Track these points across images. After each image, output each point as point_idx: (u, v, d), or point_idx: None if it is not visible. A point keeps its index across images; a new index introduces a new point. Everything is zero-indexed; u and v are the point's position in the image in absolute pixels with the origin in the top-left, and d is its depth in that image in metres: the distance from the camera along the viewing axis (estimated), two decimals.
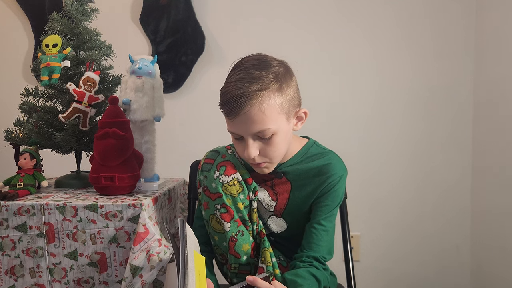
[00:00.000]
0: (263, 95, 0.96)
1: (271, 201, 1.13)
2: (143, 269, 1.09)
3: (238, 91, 0.96)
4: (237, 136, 1.02)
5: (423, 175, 1.90)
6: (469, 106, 1.87)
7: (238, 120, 0.98)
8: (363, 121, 1.88)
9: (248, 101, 0.95)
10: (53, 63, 1.27)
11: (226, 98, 0.98)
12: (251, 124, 0.97)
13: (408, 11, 1.85)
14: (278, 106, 0.99)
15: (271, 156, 1.03)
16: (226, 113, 1.00)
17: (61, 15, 1.37)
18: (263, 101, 0.96)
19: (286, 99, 1.00)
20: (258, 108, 0.96)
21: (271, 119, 0.98)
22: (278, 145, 1.02)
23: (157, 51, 1.82)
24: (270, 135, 0.99)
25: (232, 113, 0.97)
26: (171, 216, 1.36)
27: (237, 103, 0.95)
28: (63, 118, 1.29)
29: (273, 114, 0.98)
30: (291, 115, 1.04)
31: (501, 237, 1.71)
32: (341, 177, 1.10)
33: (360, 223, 1.88)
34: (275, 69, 1.00)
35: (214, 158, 1.07)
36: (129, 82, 1.26)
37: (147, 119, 1.26)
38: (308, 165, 1.11)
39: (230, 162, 1.06)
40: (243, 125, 0.98)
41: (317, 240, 1.09)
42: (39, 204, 1.13)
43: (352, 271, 1.30)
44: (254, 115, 0.96)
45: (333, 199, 1.10)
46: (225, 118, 1.02)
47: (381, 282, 1.94)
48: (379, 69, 1.87)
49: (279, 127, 1.00)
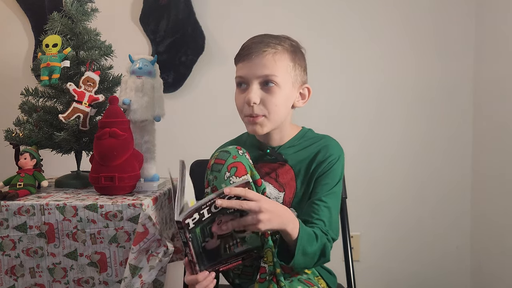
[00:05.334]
0: (279, 48, 1.08)
1: (278, 193, 1.14)
2: (142, 269, 1.09)
3: (257, 40, 1.10)
4: (242, 85, 1.10)
5: (423, 175, 1.90)
6: (470, 106, 1.87)
7: (250, 63, 1.07)
8: (363, 120, 1.88)
9: (264, 47, 1.07)
10: (53, 63, 1.28)
11: (244, 45, 1.11)
12: (261, 67, 1.06)
13: (407, 11, 1.85)
14: (288, 65, 1.09)
15: (269, 109, 1.08)
16: (241, 56, 1.09)
17: (61, 15, 1.37)
18: (277, 53, 1.08)
19: (296, 65, 1.11)
20: (272, 56, 1.07)
21: (279, 70, 1.07)
22: (278, 100, 1.08)
23: (157, 51, 1.82)
24: (274, 84, 1.07)
25: (247, 55, 1.07)
26: (171, 216, 1.36)
27: (255, 46, 1.08)
28: (63, 118, 1.29)
29: (282, 68, 1.08)
30: (296, 85, 1.12)
31: (501, 238, 1.71)
32: (339, 157, 1.14)
33: (360, 223, 1.87)
34: (292, 41, 1.13)
35: (225, 159, 1.05)
36: (129, 82, 1.26)
37: (147, 119, 1.26)
38: (307, 149, 1.15)
39: (241, 163, 1.05)
40: (254, 68, 1.07)
41: (317, 215, 1.08)
42: (39, 204, 1.13)
43: (352, 271, 1.30)
44: (266, 60, 1.06)
45: (332, 177, 1.12)
46: (236, 65, 1.12)
47: (381, 282, 1.94)
48: (378, 69, 1.87)
49: (284, 83, 1.08)
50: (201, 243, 0.93)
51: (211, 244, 0.95)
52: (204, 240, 0.93)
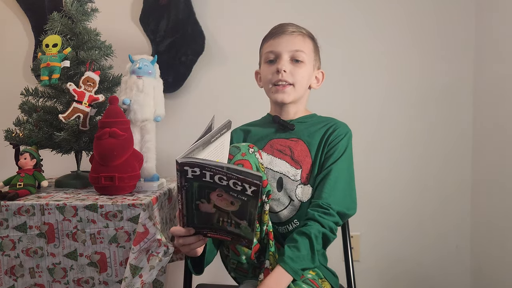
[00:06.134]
0: (304, 31, 1.25)
1: (295, 170, 1.19)
2: (142, 269, 1.09)
3: (286, 23, 1.25)
4: (272, 58, 1.23)
5: (423, 175, 1.89)
6: (469, 106, 1.87)
7: (282, 39, 1.22)
8: (363, 120, 1.88)
9: (295, 27, 1.24)
10: (53, 63, 1.28)
11: (276, 25, 1.26)
12: (292, 43, 1.21)
13: (407, 12, 1.85)
14: (311, 46, 1.25)
15: (296, 79, 1.21)
16: (273, 34, 1.24)
17: (61, 15, 1.37)
18: (305, 35, 1.25)
19: (316, 50, 1.27)
20: (301, 36, 1.24)
21: (306, 49, 1.23)
22: (304, 73, 1.22)
23: (157, 51, 1.82)
24: (302, 59, 1.21)
25: (280, 33, 1.22)
26: (171, 216, 1.36)
27: (286, 27, 1.24)
28: (63, 118, 1.29)
29: (308, 48, 1.24)
30: (315, 67, 1.28)
31: (501, 237, 1.71)
32: (347, 134, 1.23)
33: (360, 223, 1.87)
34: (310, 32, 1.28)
35: (234, 155, 1.08)
36: (129, 82, 1.26)
37: (147, 119, 1.26)
38: (317, 125, 1.25)
39: (248, 161, 1.06)
40: (285, 43, 1.21)
41: (320, 188, 1.15)
42: (39, 204, 1.13)
43: (352, 271, 1.30)
44: (296, 38, 1.23)
45: (338, 151, 1.19)
46: (265, 44, 1.26)
47: (381, 282, 1.94)
48: (378, 69, 1.87)
49: (309, 62, 1.24)
50: (195, 199, 0.90)
51: (206, 207, 0.92)
52: (199, 199, 0.90)
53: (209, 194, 0.89)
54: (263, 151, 1.23)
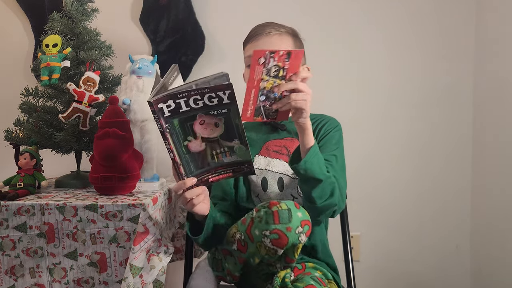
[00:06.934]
0: (282, 30, 1.22)
1: None
2: (143, 269, 1.09)
3: (262, 24, 1.23)
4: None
5: (423, 174, 1.89)
6: (469, 106, 1.87)
7: (259, 42, 1.18)
8: (365, 120, 1.88)
9: (273, 27, 1.21)
10: (53, 63, 1.27)
11: (252, 29, 1.23)
12: (268, 45, 1.17)
13: (406, 12, 1.85)
14: (290, 44, 1.20)
15: None
16: (250, 38, 1.21)
17: (61, 15, 1.37)
18: (283, 34, 1.21)
19: (296, 47, 1.21)
20: (278, 35, 1.20)
21: (284, 47, 1.17)
22: None
23: (157, 51, 1.82)
24: None
25: (256, 36, 1.20)
26: (171, 216, 1.36)
27: (261, 28, 1.21)
28: (63, 118, 1.29)
29: (286, 46, 1.19)
30: None
31: (501, 238, 1.71)
32: (336, 126, 1.24)
33: (360, 223, 1.87)
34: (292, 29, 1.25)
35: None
36: (129, 82, 1.26)
37: (147, 119, 1.26)
38: None
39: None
40: (261, 45, 1.17)
41: None
42: (39, 204, 1.13)
43: (352, 271, 1.30)
44: (272, 38, 1.19)
45: (330, 141, 1.20)
46: (244, 48, 1.23)
47: (381, 282, 1.94)
48: (378, 70, 1.87)
49: None
50: (182, 140, 0.89)
51: (195, 146, 0.91)
52: (186, 139, 0.89)
53: (193, 127, 0.89)
54: (260, 154, 1.23)
